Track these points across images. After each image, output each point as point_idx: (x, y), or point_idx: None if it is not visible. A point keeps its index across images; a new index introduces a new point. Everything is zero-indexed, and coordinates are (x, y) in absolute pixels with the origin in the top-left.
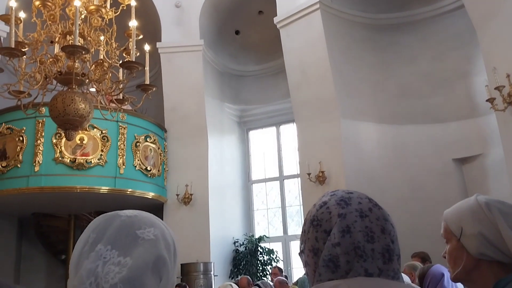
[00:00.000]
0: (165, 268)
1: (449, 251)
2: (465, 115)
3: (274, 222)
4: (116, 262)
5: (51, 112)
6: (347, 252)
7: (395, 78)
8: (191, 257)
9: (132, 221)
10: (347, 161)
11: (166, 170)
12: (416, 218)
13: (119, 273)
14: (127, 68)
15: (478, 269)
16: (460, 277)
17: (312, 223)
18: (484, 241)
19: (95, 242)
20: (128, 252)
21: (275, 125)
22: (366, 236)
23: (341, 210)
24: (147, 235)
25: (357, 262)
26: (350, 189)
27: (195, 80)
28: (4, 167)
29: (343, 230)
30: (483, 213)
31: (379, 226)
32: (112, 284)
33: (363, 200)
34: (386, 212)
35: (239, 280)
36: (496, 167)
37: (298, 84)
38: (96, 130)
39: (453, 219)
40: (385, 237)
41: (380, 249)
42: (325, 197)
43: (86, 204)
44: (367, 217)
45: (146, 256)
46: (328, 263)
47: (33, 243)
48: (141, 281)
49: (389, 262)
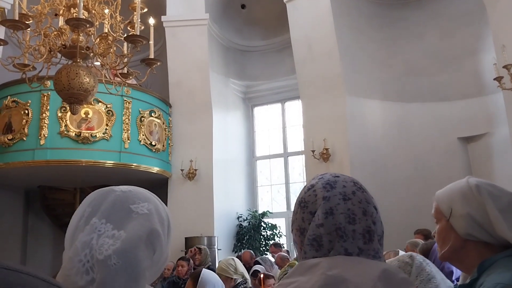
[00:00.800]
0: (158, 241)
1: (438, 231)
2: (472, 94)
3: (277, 198)
4: (110, 235)
5: (55, 86)
6: (330, 232)
7: (402, 55)
8: (195, 231)
9: (126, 196)
10: (351, 139)
11: (171, 146)
12: (419, 196)
13: (113, 245)
14: (132, 42)
15: (465, 249)
16: (447, 256)
17: (300, 205)
18: (472, 222)
19: (90, 216)
20: (122, 226)
21: (280, 101)
22: (348, 218)
23: (326, 193)
24: (141, 210)
25: (338, 242)
26: (354, 166)
27: (200, 55)
28: (10, 140)
29: (327, 212)
30: (472, 195)
31: (361, 208)
32: (106, 256)
33: (348, 183)
34: (369, 195)
35: (242, 254)
36: (501, 146)
37: (304, 60)
38: (101, 104)
39: (444, 200)
40: (367, 219)
41: (361, 230)
42: (314, 180)
43: (91, 178)
44: (350, 200)
45: (140, 229)
46: (312, 242)
47: (39, 215)
48: (134, 253)
49: (369, 242)
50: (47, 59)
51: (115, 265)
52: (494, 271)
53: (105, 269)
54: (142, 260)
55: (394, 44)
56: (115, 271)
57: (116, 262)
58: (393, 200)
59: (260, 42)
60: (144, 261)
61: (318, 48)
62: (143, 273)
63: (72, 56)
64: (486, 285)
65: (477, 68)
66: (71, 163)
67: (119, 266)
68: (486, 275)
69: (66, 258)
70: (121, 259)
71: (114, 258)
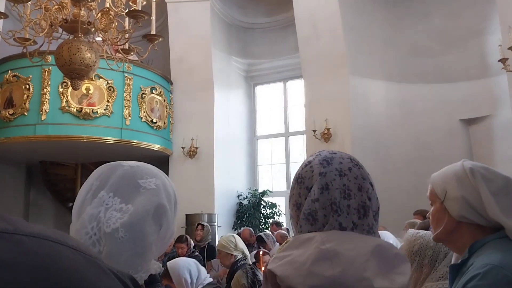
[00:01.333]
0: (165, 216)
1: (433, 213)
2: (476, 75)
3: (277, 177)
4: (118, 209)
5: (57, 61)
6: (324, 207)
7: (406, 35)
8: (195, 208)
9: (134, 171)
10: (353, 119)
11: (172, 123)
12: (420, 177)
13: (120, 219)
14: (133, 17)
15: (458, 230)
16: (440, 238)
17: (297, 180)
18: (465, 204)
19: (98, 189)
20: (130, 200)
21: (283, 80)
22: (343, 193)
23: (322, 169)
24: (148, 185)
25: (333, 217)
26: (355, 147)
27: (202, 32)
28: (11, 114)
29: (322, 187)
30: (466, 178)
31: (356, 184)
32: (113, 229)
33: (345, 160)
34: (365, 172)
35: (241, 232)
36: (503, 129)
37: (308, 39)
38: (102, 80)
39: (439, 182)
40: (362, 194)
41: (356, 205)
42: (311, 157)
43: (92, 154)
44: (345, 176)
45: (147, 204)
46: (307, 217)
47: (41, 190)
48: (141, 227)
49: (364, 217)
50: (48, 34)
51: (122, 238)
52: (484, 252)
53: (112, 241)
54: (149, 234)
55: (399, 24)
56: (122, 244)
57: (123, 235)
58: (393, 180)
59: (263, 19)
60: (151, 235)
61: (322, 26)
62: (149, 247)
63: (73, 31)
64: (476, 265)
65: (482, 49)
66: (72, 138)
67: (126, 239)
68: (476, 255)
69: (73, 230)
70: (128, 232)
71: (122, 231)
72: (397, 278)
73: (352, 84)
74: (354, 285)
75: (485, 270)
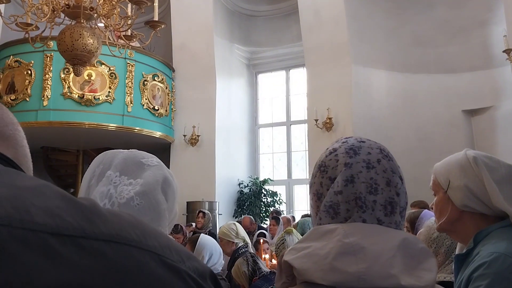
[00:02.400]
0: (170, 190)
1: (436, 203)
2: (479, 66)
3: (279, 166)
4: (127, 183)
5: (59, 47)
6: (348, 201)
7: (410, 25)
8: (196, 196)
9: (134, 153)
10: (355, 108)
11: (174, 111)
12: (420, 167)
13: (133, 189)
14: (136, 3)
15: (461, 220)
16: (444, 227)
17: (320, 169)
18: (469, 193)
19: (104, 171)
20: (137, 176)
21: (285, 69)
22: (369, 188)
23: (348, 159)
24: (151, 162)
25: (356, 212)
26: (355, 136)
27: (204, 19)
28: (13, 100)
29: (347, 179)
30: (470, 167)
31: (385, 178)
32: (128, 198)
33: (374, 150)
34: (395, 164)
35: (242, 220)
36: (505, 120)
37: (311, 27)
38: (104, 66)
39: (442, 172)
40: (390, 189)
41: (382, 201)
42: (337, 144)
43: (94, 140)
44: (373, 168)
45: (156, 175)
46: (328, 209)
47: (42, 176)
48: (154, 195)
49: (391, 215)
50: (50, 19)
51: (138, 205)
52: (490, 241)
53: (129, 210)
54: (161, 202)
55: (402, 14)
56: (139, 211)
57: (138, 202)
58: None
59: (266, 6)
60: (163, 203)
61: (326, 14)
62: (163, 213)
63: (75, 16)
64: (482, 254)
65: (486, 40)
66: (74, 125)
67: (142, 206)
68: (481, 245)
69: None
70: (143, 199)
71: (137, 199)
72: (423, 275)
73: (354, 73)
74: (380, 283)
75: (492, 258)
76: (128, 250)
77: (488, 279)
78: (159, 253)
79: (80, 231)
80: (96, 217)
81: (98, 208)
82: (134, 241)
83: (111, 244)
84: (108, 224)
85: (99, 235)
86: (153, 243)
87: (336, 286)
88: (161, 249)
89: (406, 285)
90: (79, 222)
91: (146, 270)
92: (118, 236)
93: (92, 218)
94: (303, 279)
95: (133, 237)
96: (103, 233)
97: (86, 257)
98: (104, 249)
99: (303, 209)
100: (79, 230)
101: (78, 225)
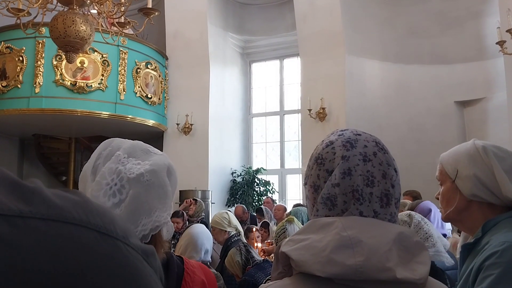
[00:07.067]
0: (172, 178)
1: (443, 192)
2: (473, 57)
3: (272, 155)
4: (136, 163)
5: (51, 33)
6: (345, 193)
7: (404, 15)
8: (189, 185)
9: (141, 142)
10: (349, 99)
11: (167, 99)
12: (412, 157)
13: (143, 167)
14: None
15: (469, 209)
16: (451, 217)
17: (316, 161)
18: (478, 182)
19: (112, 152)
20: (145, 159)
21: (279, 58)
22: (366, 180)
23: (345, 152)
24: (157, 151)
25: (353, 205)
26: (349, 127)
27: (198, 6)
28: (4, 86)
29: (344, 172)
30: (479, 156)
31: (381, 171)
32: (138, 174)
33: (370, 143)
34: (391, 157)
35: (234, 209)
36: (497, 111)
37: (305, 16)
38: (96, 53)
39: (450, 161)
40: (386, 181)
41: (378, 194)
42: (333, 136)
43: (86, 128)
44: (370, 161)
45: (162, 160)
46: (326, 201)
47: (34, 163)
48: (162, 175)
49: (386, 206)
50: (42, 5)
51: (148, 182)
52: (499, 231)
53: (138, 185)
54: (168, 183)
55: (396, 4)
56: (148, 186)
57: (148, 179)
58: None
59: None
60: (169, 185)
61: (320, 4)
62: (169, 194)
63: (68, 2)
64: (493, 243)
65: (480, 31)
66: (66, 112)
67: (152, 183)
68: (490, 234)
69: (91, 186)
70: (152, 177)
71: (147, 175)
72: (418, 268)
73: (348, 63)
74: (376, 275)
75: (504, 247)
76: (67, 227)
77: (500, 268)
78: (101, 231)
79: (16, 211)
80: (37, 198)
81: (41, 189)
82: (74, 219)
83: (48, 222)
84: (49, 204)
85: (36, 214)
86: (96, 221)
87: (333, 278)
88: (104, 227)
89: (401, 278)
90: (16, 203)
91: (85, 247)
92: (57, 215)
93: (32, 198)
94: (300, 270)
95: (73, 215)
96: (41, 213)
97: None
98: (39, 226)
99: (296, 199)
100: (15, 210)
101: (14, 206)
